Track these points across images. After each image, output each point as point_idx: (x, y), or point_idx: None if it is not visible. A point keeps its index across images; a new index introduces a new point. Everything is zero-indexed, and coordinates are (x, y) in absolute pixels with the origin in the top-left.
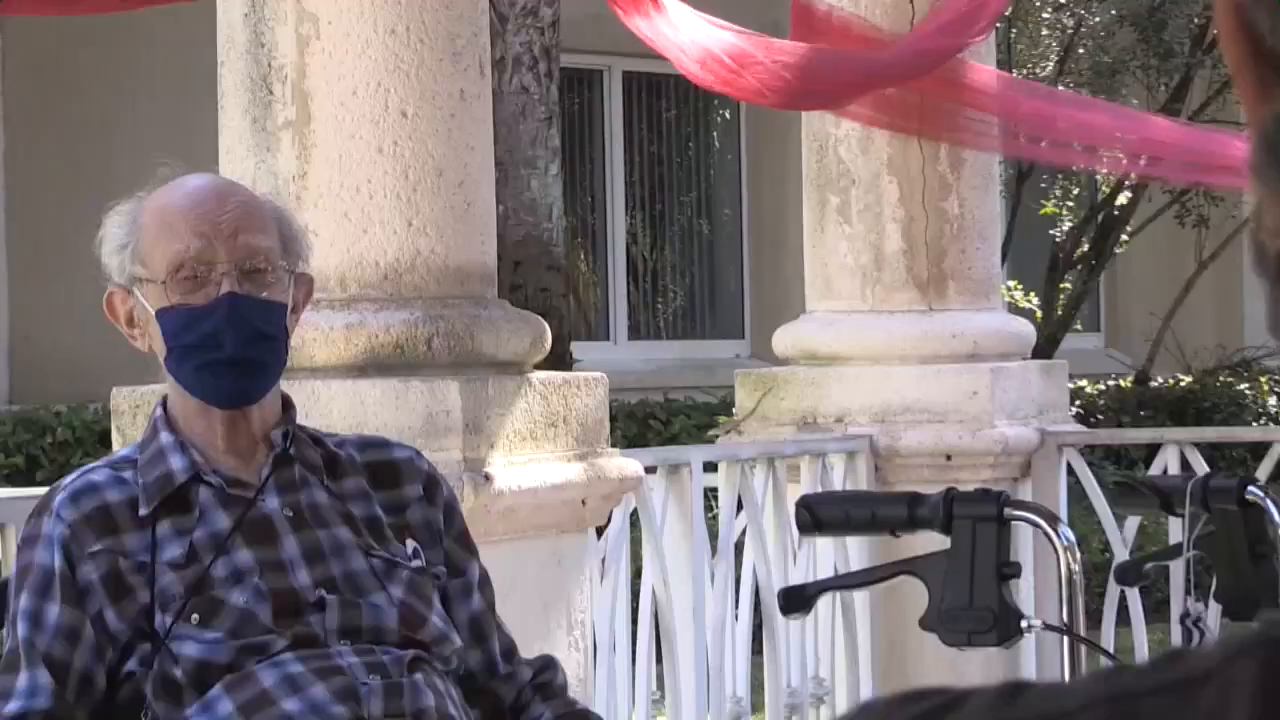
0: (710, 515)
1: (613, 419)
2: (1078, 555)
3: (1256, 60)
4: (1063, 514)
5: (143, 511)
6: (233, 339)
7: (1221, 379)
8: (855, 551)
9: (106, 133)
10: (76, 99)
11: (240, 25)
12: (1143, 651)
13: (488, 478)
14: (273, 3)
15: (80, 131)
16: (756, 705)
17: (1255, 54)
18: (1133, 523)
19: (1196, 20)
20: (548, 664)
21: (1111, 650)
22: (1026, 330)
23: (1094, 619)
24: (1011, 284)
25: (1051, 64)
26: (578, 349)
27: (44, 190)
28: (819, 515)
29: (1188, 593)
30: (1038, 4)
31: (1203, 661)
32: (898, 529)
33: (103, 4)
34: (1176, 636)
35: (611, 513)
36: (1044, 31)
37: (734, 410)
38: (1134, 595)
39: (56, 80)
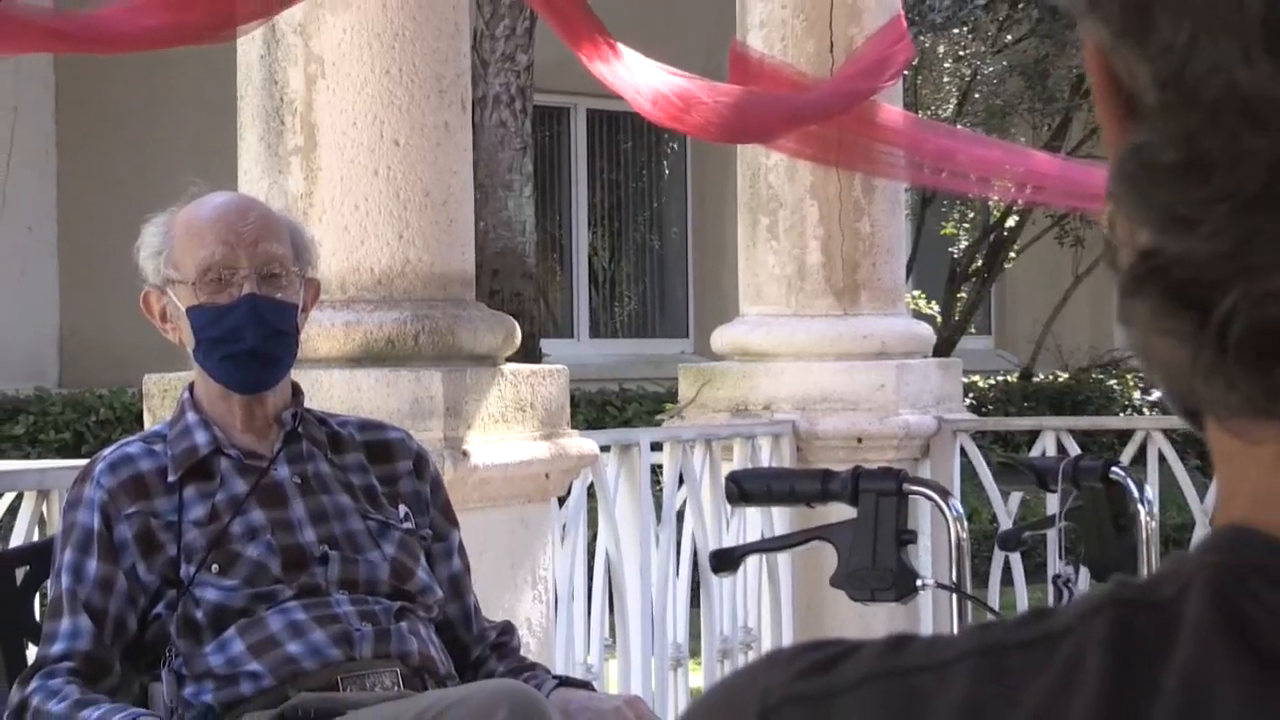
0: (656, 488)
1: (574, 405)
2: (966, 525)
3: (1115, 98)
4: (955, 489)
5: (171, 479)
6: (252, 334)
7: (1094, 376)
8: (779, 520)
9: (143, 156)
10: (118, 127)
11: (257, 65)
12: (1023, 607)
13: (465, 454)
14: (285, 46)
15: (121, 154)
16: (694, 650)
17: (1114, 92)
18: (1015, 497)
19: (1075, 71)
20: (507, 628)
21: (995, 606)
22: (927, 333)
23: (981, 579)
24: (915, 293)
25: (951, 106)
26: (546, 345)
27: (90, 204)
28: (746, 489)
29: (1060, 557)
30: (939, 55)
31: (1063, 619)
32: (813, 501)
33: (137, 44)
34: (1050, 595)
35: (571, 485)
36: (945, 79)
37: (678, 398)
38: (1016, 559)
39: (101, 111)
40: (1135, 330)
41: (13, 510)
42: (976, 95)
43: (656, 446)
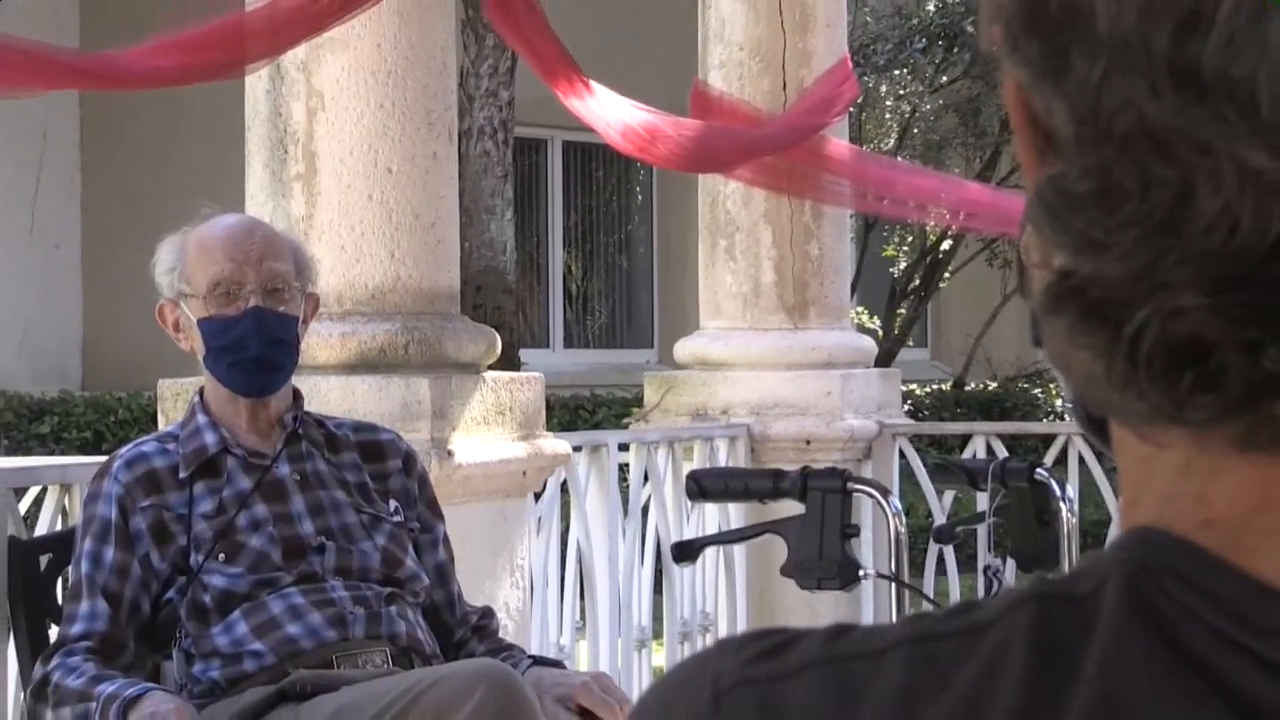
0: (623, 485)
1: (549, 409)
2: (904, 520)
3: (1033, 132)
4: (894, 488)
5: (182, 475)
6: (257, 343)
7: (1020, 385)
8: (734, 515)
9: (160, 181)
10: (137, 154)
11: (263, 99)
12: (956, 595)
13: (450, 453)
14: (288, 82)
15: (139, 179)
16: (657, 632)
17: (1033, 127)
18: (949, 495)
19: (1004, 109)
20: (488, 612)
21: (930, 594)
22: (869, 345)
23: (917, 569)
24: (859, 309)
25: (892, 140)
26: (524, 354)
27: (111, 225)
28: (704, 486)
29: (989, 550)
30: (882, 94)
31: (989, 611)
32: (765, 498)
33: (155, 81)
34: (980, 584)
35: (546, 482)
36: (887, 115)
37: (644, 404)
38: (949, 551)
39: (122, 140)
40: (1054, 345)
41: (38, 502)
42: (915, 131)
43: (623, 447)
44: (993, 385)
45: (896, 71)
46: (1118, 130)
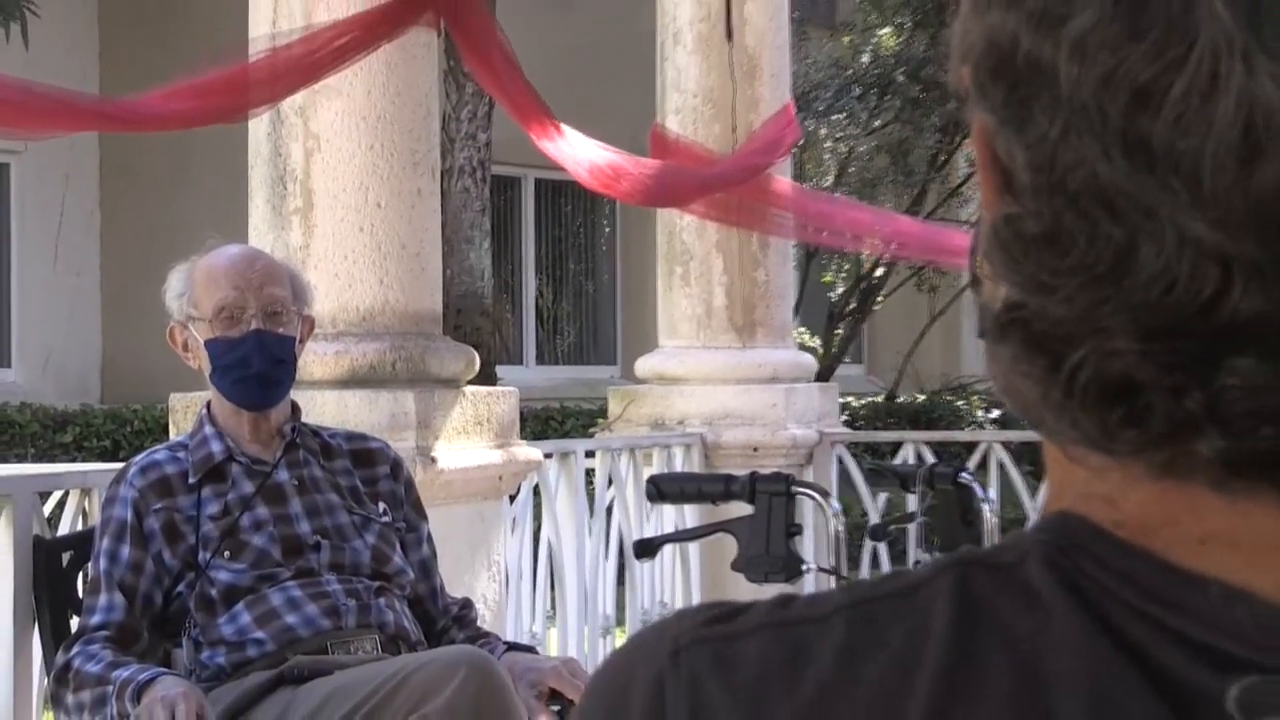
0: (589, 488)
1: (523, 419)
2: (842, 519)
3: (995, 172)
4: (833, 490)
5: (191, 480)
6: (258, 362)
7: (945, 397)
8: (690, 515)
9: (171, 214)
10: (151, 191)
11: (264, 140)
12: None
13: (433, 460)
14: (287, 126)
15: (152, 213)
16: (620, 620)
17: (994, 167)
18: (882, 497)
19: (930, 150)
20: (467, 603)
21: None
22: (810, 362)
23: (855, 564)
24: (801, 330)
25: (831, 178)
26: (500, 370)
27: (127, 255)
28: (663, 489)
29: (919, 546)
30: (821, 136)
31: (918, 575)
32: (717, 499)
33: (167, 124)
34: None
35: (520, 485)
36: (826, 155)
37: (608, 415)
38: (883, 548)
39: (137, 178)
40: (998, 368)
41: (60, 505)
42: (851, 169)
43: (590, 454)
44: (921, 398)
45: (834, 116)
46: (1071, 185)
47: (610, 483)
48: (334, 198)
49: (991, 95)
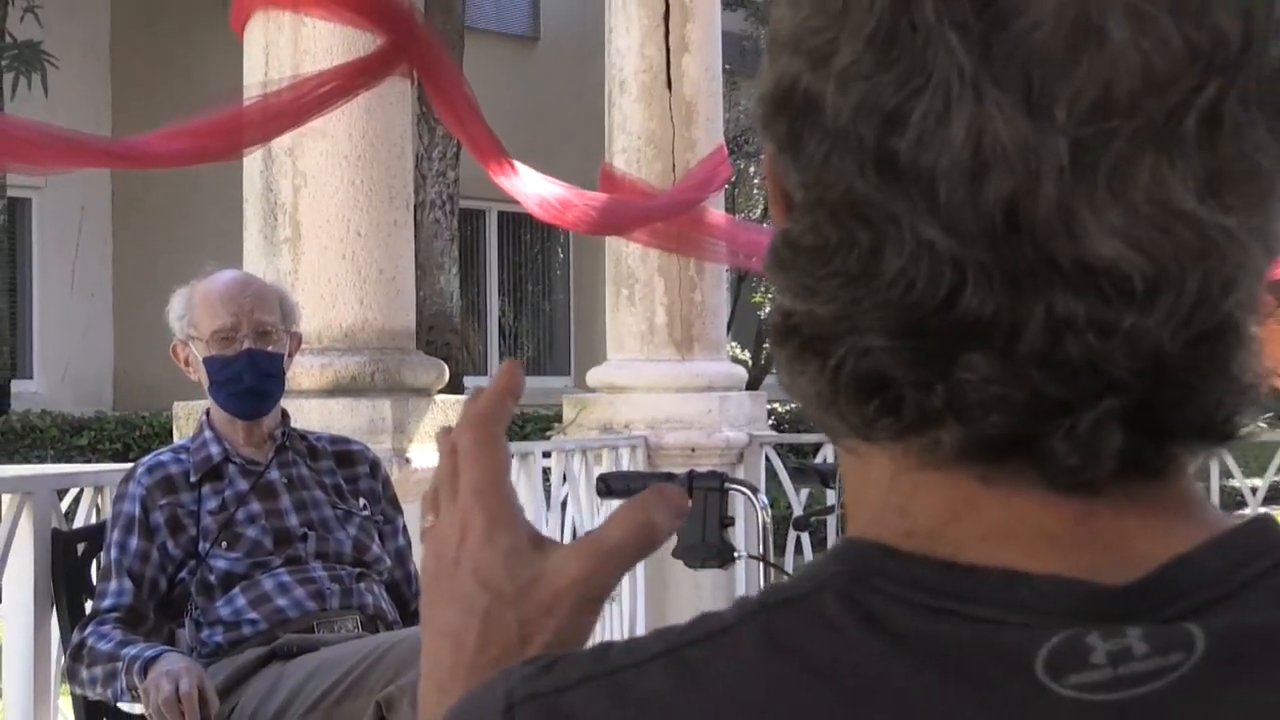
0: (546, 485)
1: None
2: (769, 512)
3: (778, 194)
4: (761, 486)
5: (192, 479)
6: (250, 377)
7: None
8: None
9: (175, 242)
10: (157, 222)
11: (258, 177)
12: None
13: (408, 460)
14: (278, 164)
15: (158, 241)
16: None
17: (778, 190)
18: (805, 492)
19: None
20: None
21: (790, 570)
22: (741, 373)
23: (780, 551)
24: (733, 344)
25: (759, 210)
26: (467, 380)
27: (136, 278)
28: (611, 486)
29: (838, 535)
30: (751, 173)
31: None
32: None
33: (171, 162)
34: None
35: None
36: (755, 190)
37: (563, 420)
38: (805, 537)
39: (144, 210)
40: (782, 370)
41: (76, 501)
42: None
43: (547, 455)
44: None
45: (762, 156)
46: (831, 198)
47: (565, 480)
48: (319, 228)
49: (775, 127)
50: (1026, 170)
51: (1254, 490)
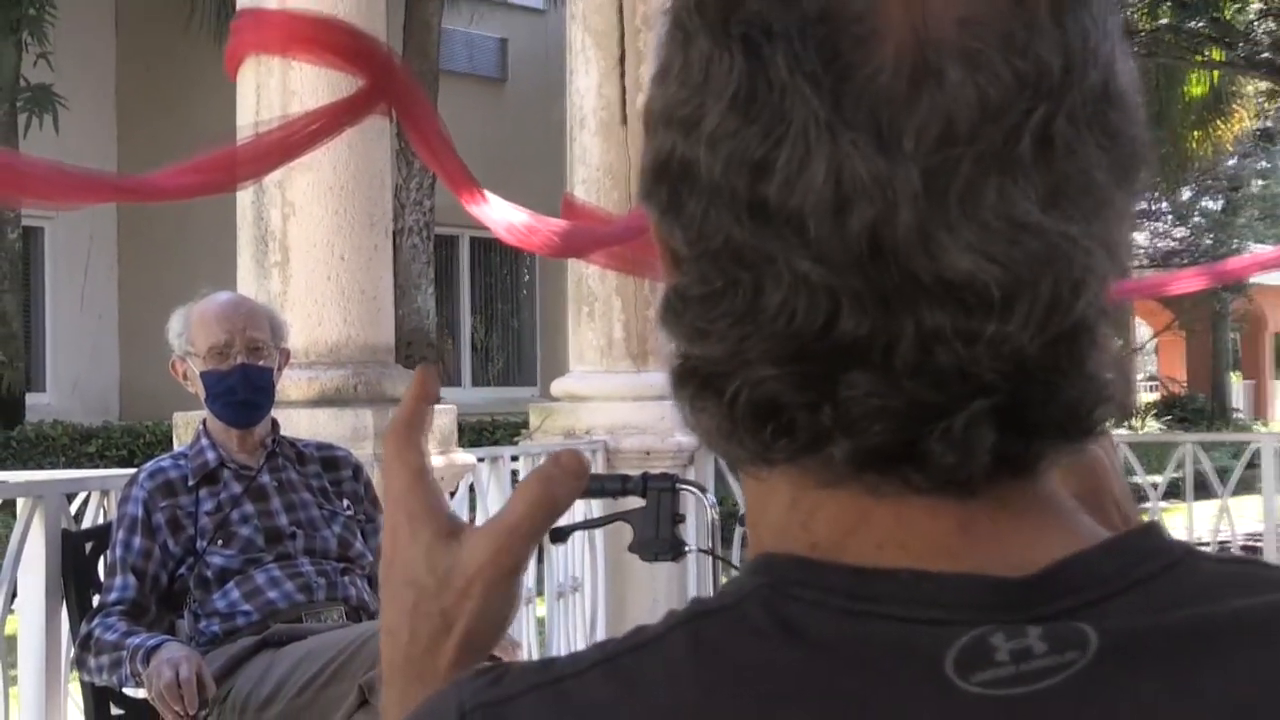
0: (514, 486)
1: (460, 431)
2: (717, 510)
3: (665, 253)
4: (710, 486)
5: (190, 483)
6: (243, 390)
7: None
8: (595, 507)
9: (175, 267)
10: (158, 248)
11: (249, 207)
12: None
13: None
14: (268, 195)
15: (161, 266)
16: (540, 591)
17: (664, 249)
18: None
19: None
20: None
21: (736, 563)
22: None
23: (728, 545)
24: None
25: None
26: (442, 391)
27: (140, 300)
28: None
29: None
30: None
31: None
32: (617, 494)
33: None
34: None
35: (458, 484)
36: None
37: (530, 426)
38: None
39: (148, 238)
40: (683, 407)
41: (84, 504)
42: None
43: (515, 458)
44: None
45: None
46: (713, 248)
47: None
48: (306, 253)
49: (658, 195)
50: (884, 200)
51: (1155, 486)
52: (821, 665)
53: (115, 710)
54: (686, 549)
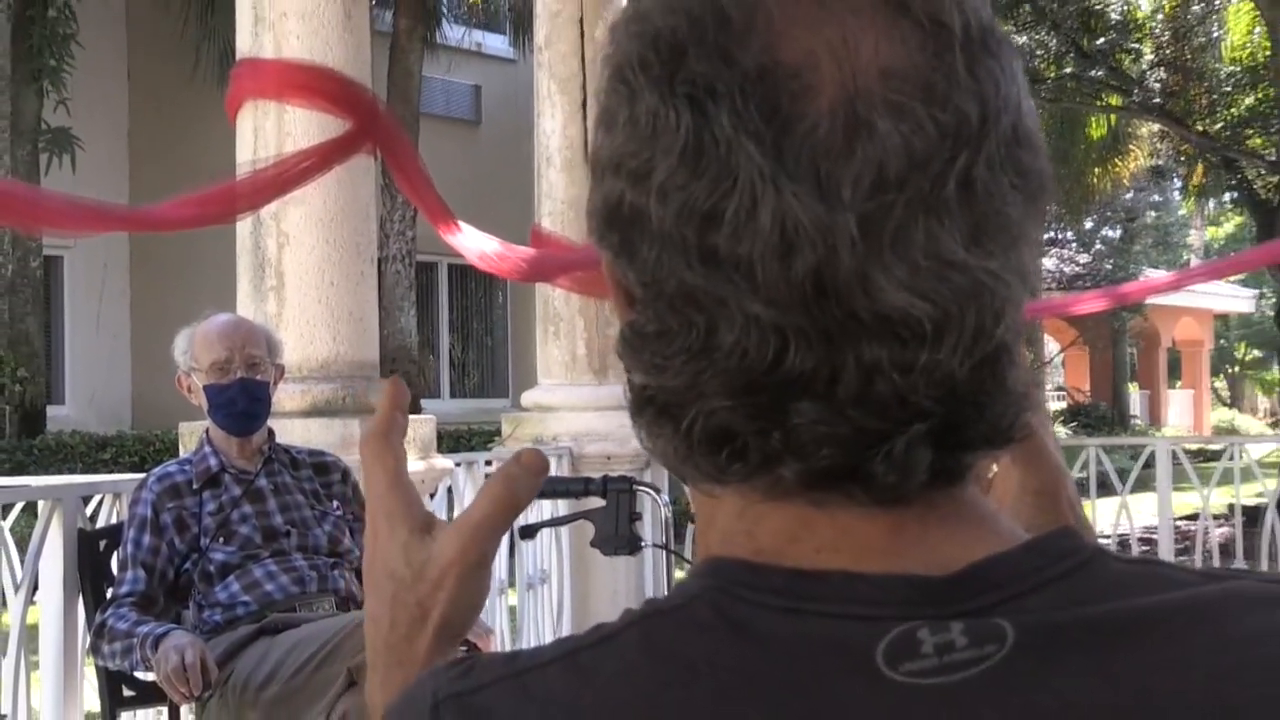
0: None
1: (439, 439)
2: (671, 509)
3: (619, 292)
4: (665, 487)
5: (195, 486)
6: (242, 402)
7: None
8: (561, 506)
9: (181, 291)
10: (167, 274)
11: (248, 237)
12: None
13: None
14: (264, 225)
15: (169, 290)
16: (512, 582)
17: (618, 289)
18: None
19: None
20: None
21: (689, 558)
22: None
23: (680, 540)
24: None
25: None
26: (424, 402)
27: (150, 321)
28: (541, 488)
29: None
30: None
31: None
32: (580, 495)
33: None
34: None
35: (437, 487)
36: None
37: (502, 434)
38: None
39: (158, 265)
40: (641, 431)
41: (99, 505)
42: None
43: (489, 463)
44: None
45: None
46: (667, 291)
47: None
48: (299, 278)
49: (609, 238)
50: (826, 245)
51: None
52: (765, 659)
53: (127, 692)
54: (643, 544)
